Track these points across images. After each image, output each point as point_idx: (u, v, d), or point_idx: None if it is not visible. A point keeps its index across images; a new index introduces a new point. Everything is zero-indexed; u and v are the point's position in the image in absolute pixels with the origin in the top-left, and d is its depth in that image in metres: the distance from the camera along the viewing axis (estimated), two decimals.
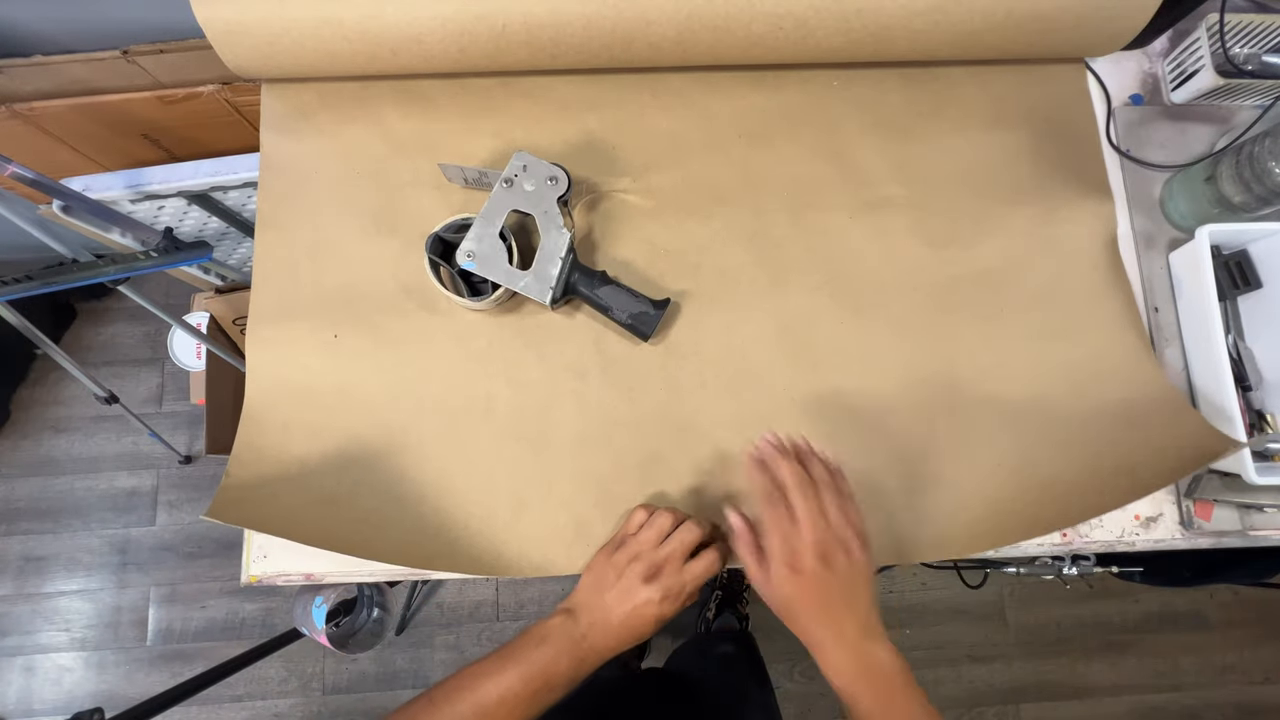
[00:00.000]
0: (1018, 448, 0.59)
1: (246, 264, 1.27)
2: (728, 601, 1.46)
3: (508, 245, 0.57)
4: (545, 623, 0.49)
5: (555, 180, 0.57)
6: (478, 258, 0.56)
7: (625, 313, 0.58)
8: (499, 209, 0.57)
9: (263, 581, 0.58)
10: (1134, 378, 0.61)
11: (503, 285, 0.56)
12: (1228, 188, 0.58)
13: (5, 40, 0.81)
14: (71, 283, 0.88)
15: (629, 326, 0.58)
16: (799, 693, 1.47)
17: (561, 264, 0.56)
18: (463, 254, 0.56)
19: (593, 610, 0.49)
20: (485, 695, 0.45)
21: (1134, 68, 0.70)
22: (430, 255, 0.58)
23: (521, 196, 0.57)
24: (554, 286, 0.56)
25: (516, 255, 0.57)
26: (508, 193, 0.57)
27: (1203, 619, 1.54)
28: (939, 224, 0.64)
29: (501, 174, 0.57)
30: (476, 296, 0.59)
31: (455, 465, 0.59)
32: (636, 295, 0.58)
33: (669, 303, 0.59)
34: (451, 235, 0.60)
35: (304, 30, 0.58)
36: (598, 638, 0.48)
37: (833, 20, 0.59)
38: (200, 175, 0.89)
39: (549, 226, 0.57)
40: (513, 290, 0.57)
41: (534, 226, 0.57)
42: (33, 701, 1.46)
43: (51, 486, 1.55)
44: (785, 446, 0.50)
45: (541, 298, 0.56)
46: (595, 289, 0.58)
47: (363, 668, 1.48)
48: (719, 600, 1.46)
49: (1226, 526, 0.59)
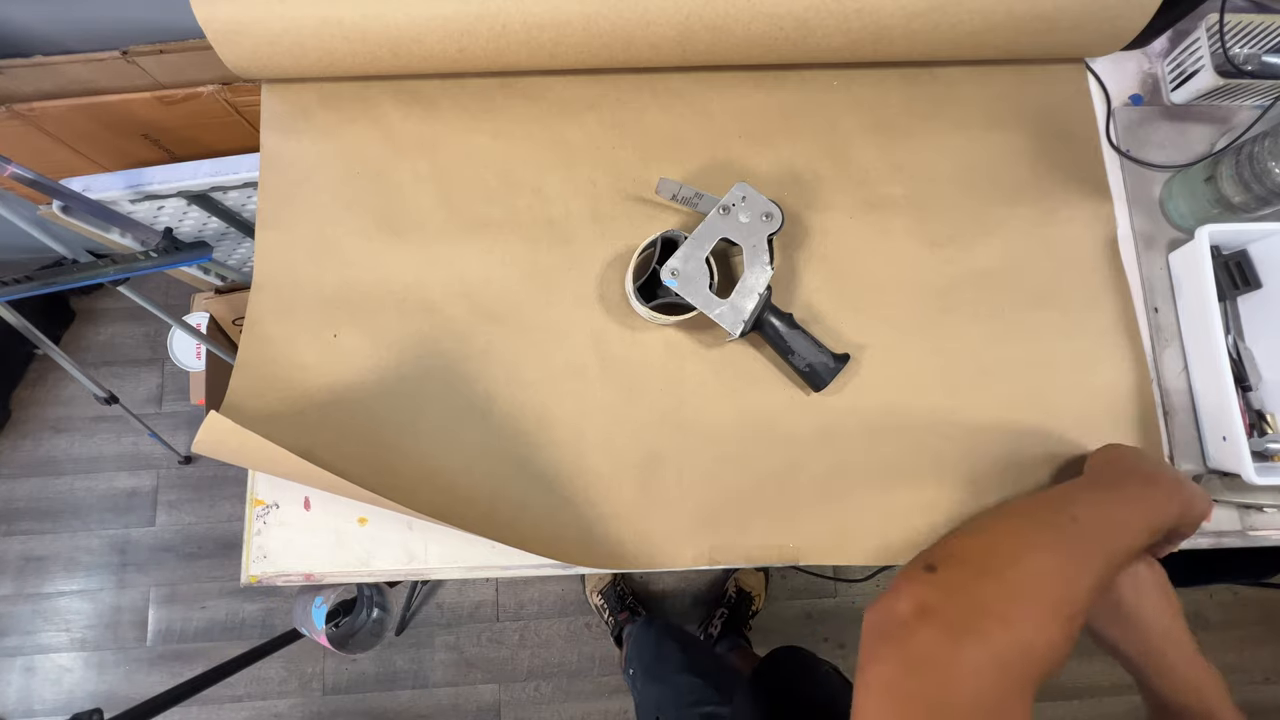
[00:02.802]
0: (1016, 448, 0.59)
1: (246, 264, 1.27)
2: (732, 624, 1.40)
3: (711, 271, 0.57)
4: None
5: (769, 216, 0.57)
6: (681, 277, 0.57)
7: (805, 360, 0.58)
8: (711, 234, 0.57)
9: (262, 582, 0.58)
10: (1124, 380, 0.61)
11: (697, 308, 0.57)
12: (1228, 188, 0.58)
13: (5, 40, 0.81)
14: (71, 283, 0.88)
15: (804, 374, 0.58)
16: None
17: (759, 300, 0.57)
18: (667, 270, 0.57)
19: (1154, 473, 0.43)
20: None
21: (1134, 68, 0.70)
22: (640, 266, 0.58)
23: (735, 226, 0.57)
24: (746, 320, 0.56)
25: (717, 281, 0.58)
26: (722, 220, 0.57)
27: (1203, 619, 1.54)
28: (939, 224, 0.64)
29: (720, 200, 0.58)
30: (645, 301, 0.59)
31: (454, 464, 0.59)
32: (820, 345, 0.58)
33: (849, 358, 0.58)
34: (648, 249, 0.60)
35: (304, 30, 0.58)
36: None
37: (833, 20, 0.59)
38: (200, 175, 0.89)
39: (754, 261, 0.57)
40: (705, 314, 0.57)
41: (736, 257, 0.58)
42: (32, 701, 1.46)
43: (51, 486, 1.55)
44: None
45: (733, 329, 0.56)
46: (783, 330, 0.58)
47: (363, 668, 1.48)
48: (724, 619, 1.41)
49: (1226, 526, 0.59)
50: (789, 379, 0.61)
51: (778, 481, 0.59)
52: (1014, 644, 0.29)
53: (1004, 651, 0.29)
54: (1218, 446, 0.59)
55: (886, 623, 0.31)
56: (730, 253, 0.62)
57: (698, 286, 0.57)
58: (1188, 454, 0.60)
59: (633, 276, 0.59)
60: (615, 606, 1.42)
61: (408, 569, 0.58)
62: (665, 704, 0.88)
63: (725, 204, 0.58)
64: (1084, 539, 0.33)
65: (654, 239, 0.59)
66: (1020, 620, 0.29)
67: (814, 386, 0.59)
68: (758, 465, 0.59)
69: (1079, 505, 0.37)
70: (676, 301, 0.58)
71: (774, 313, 0.58)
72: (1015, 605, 0.30)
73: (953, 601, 0.30)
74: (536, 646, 1.49)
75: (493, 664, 1.48)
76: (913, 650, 0.29)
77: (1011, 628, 0.29)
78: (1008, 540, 0.34)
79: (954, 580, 0.31)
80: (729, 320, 0.57)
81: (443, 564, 0.58)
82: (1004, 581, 0.31)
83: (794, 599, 1.52)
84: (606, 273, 0.63)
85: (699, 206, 0.60)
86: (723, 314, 0.57)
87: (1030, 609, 0.30)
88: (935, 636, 0.29)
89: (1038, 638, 0.29)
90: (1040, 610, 0.30)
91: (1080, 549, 0.33)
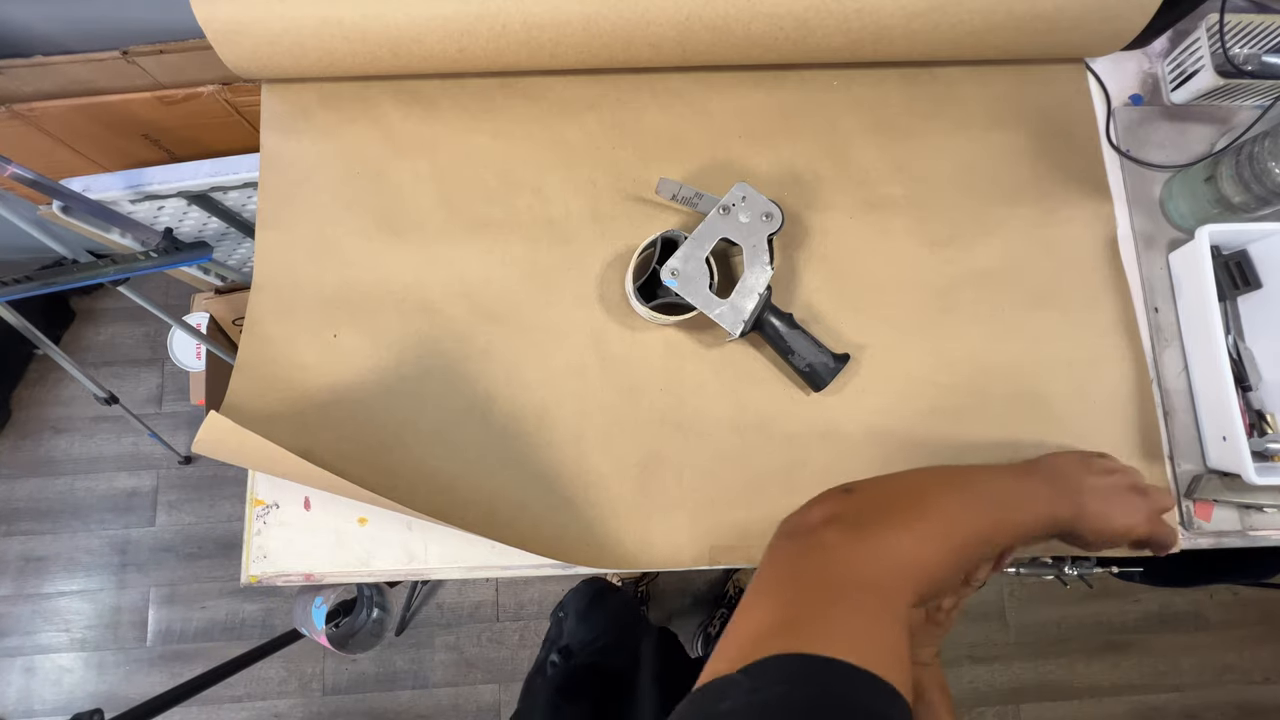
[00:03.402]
0: (1016, 447, 0.59)
1: (246, 264, 1.27)
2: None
3: (711, 271, 0.57)
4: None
5: (770, 216, 0.57)
6: (681, 277, 0.57)
7: (805, 360, 0.58)
8: (711, 234, 0.57)
9: (262, 582, 0.58)
10: (1124, 380, 0.61)
11: (697, 308, 0.57)
12: (1227, 188, 0.58)
13: (5, 40, 0.81)
14: (71, 283, 0.88)
15: (804, 374, 0.58)
16: None
17: (759, 300, 0.57)
18: (667, 270, 0.56)
19: (1077, 482, 0.45)
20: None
21: (1134, 68, 0.70)
22: (640, 266, 0.58)
23: (735, 226, 0.57)
24: (746, 320, 0.57)
25: (717, 281, 0.58)
26: (722, 220, 0.57)
27: (1203, 619, 1.54)
28: (939, 224, 0.64)
29: (720, 200, 0.58)
30: (645, 301, 0.59)
31: (452, 466, 0.59)
32: (820, 345, 0.58)
33: (848, 358, 0.58)
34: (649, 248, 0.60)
35: (304, 30, 0.58)
36: (1090, 504, 0.43)
37: (833, 20, 0.59)
38: (200, 175, 0.89)
39: (754, 261, 0.57)
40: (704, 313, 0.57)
41: (736, 257, 0.58)
42: (33, 702, 1.46)
43: (51, 486, 1.54)
44: None
45: (732, 329, 0.57)
46: (783, 330, 0.58)
47: (363, 668, 1.48)
48: (725, 620, 1.41)
49: (1226, 526, 0.59)
50: (789, 379, 0.61)
51: (778, 481, 0.59)
52: (907, 550, 0.33)
53: (896, 552, 0.33)
54: (1218, 446, 0.59)
55: (797, 527, 0.35)
56: (730, 252, 0.62)
57: (698, 286, 0.57)
58: (1188, 454, 0.60)
59: (633, 276, 0.59)
60: None
61: (408, 569, 0.58)
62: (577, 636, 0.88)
63: (725, 204, 0.58)
64: (983, 498, 0.39)
65: (654, 239, 0.59)
66: (916, 536, 0.34)
67: (814, 386, 0.59)
68: (758, 465, 0.59)
69: (990, 476, 0.43)
70: (676, 301, 0.58)
71: (774, 313, 0.58)
72: (914, 523, 0.34)
73: (860, 512, 0.35)
74: (536, 647, 1.48)
75: (493, 664, 1.48)
76: (814, 539, 0.34)
77: (906, 537, 0.33)
78: (919, 479, 0.40)
79: (865, 499, 0.36)
80: (729, 320, 0.57)
81: (443, 564, 0.58)
82: (908, 507, 0.35)
83: None
84: (606, 273, 0.63)
85: (699, 206, 0.60)
86: (723, 314, 0.57)
87: (926, 528, 0.34)
88: (837, 532, 0.33)
89: (928, 553, 0.33)
90: (934, 531, 0.34)
91: (977, 503, 0.38)
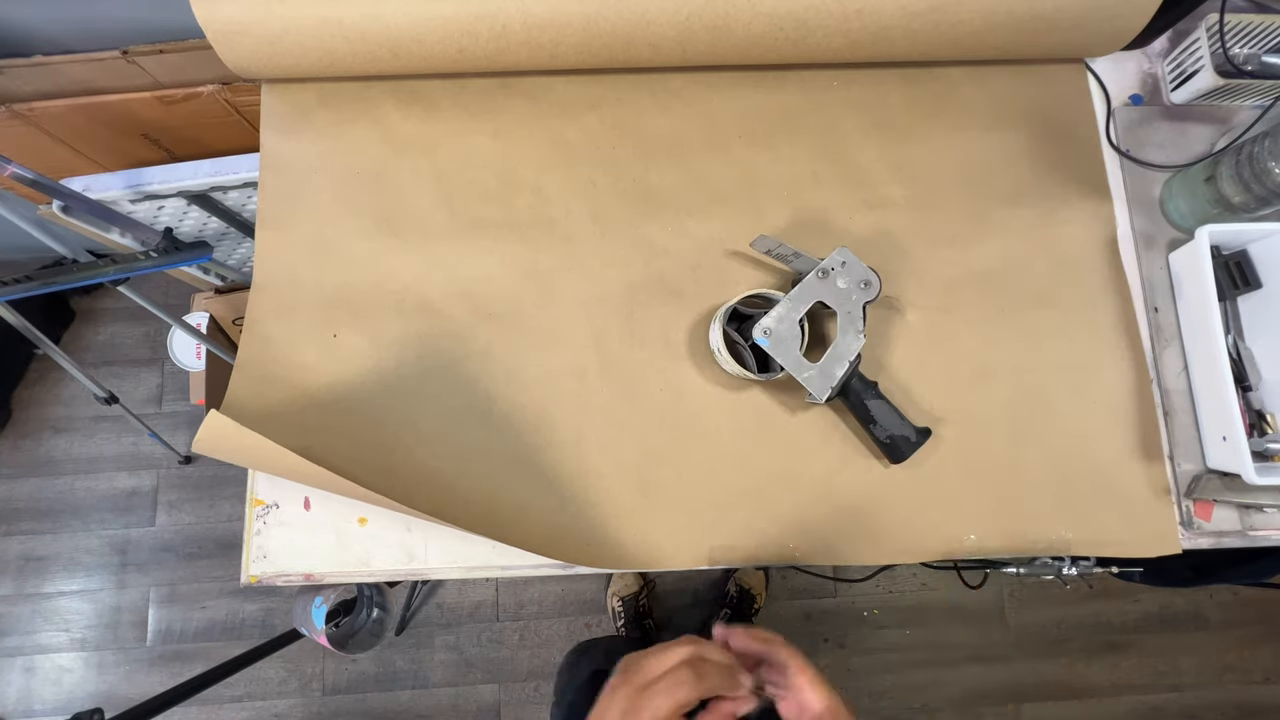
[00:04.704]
0: (1016, 447, 0.60)
1: (246, 264, 1.27)
2: (736, 623, 1.38)
3: (803, 332, 0.57)
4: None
5: (868, 285, 0.57)
6: (773, 336, 0.56)
7: (886, 432, 0.57)
8: (807, 296, 0.57)
9: (262, 582, 0.58)
10: (1124, 380, 0.61)
11: (787, 370, 0.56)
12: (1227, 188, 0.58)
13: (5, 40, 0.81)
14: (71, 283, 0.88)
15: (884, 445, 0.58)
16: None
17: (849, 367, 0.56)
18: (760, 330, 0.56)
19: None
20: None
21: (1134, 68, 0.70)
22: (726, 328, 0.58)
23: (832, 290, 0.57)
24: (834, 387, 0.56)
25: (807, 344, 0.57)
26: (820, 283, 0.57)
27: (1203, 619, 1.54)
28: (939, 224, 0.64)
29: (821, 263, 0.57)
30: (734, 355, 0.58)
31: (452, 465, 0.59)
32: (903, 418, 0.57)
33: (929, 433, 0.58)
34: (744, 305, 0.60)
35: (304, 30, 0.58)
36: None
37: (833, 21, 0.59)
38: (200, 175, 0.89)
39: (848, 327, 0.56)
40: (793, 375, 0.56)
41: (830, 321, 0.58)
42: (33, 701, 1.46)
43: (51, 486, 1.54)
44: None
45: (819, 394, 0.56)
46: (868, 400, 0.57)
47: (363, 668, 1.48)
48: (727, 619, 1.41)
49: (1226, 526, 0.59)
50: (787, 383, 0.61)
51: (777, 481, 0.59)
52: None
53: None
54: (1218, 446, 0.59)
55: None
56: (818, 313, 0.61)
57: (789, 348, 0.56)
58: (1188, 454, 0.60)
59: (720, 332, 0.58)
60: (631, 622, 1.41)
61: (408, 569, 0.58)
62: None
63: (824, 267, 0.57)
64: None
65: (738, 300, 0.59)
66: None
67: (893, 459, 0.58)
68: (758, 465, 0.59)
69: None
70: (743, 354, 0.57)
71: (861, 380, 0.57)
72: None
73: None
74: (536, 646, 1.48)
75: (493, 664, 1.48)
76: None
77: None
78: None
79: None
80: (817, 385, 0.56)
81: (443, 564, 0.58)
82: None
83: (794, 599, 1.51)
84: (606, 273, 0.63)
85: (794, 264, 0.59)
86: (811, 378, 0.56)
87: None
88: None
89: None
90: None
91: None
